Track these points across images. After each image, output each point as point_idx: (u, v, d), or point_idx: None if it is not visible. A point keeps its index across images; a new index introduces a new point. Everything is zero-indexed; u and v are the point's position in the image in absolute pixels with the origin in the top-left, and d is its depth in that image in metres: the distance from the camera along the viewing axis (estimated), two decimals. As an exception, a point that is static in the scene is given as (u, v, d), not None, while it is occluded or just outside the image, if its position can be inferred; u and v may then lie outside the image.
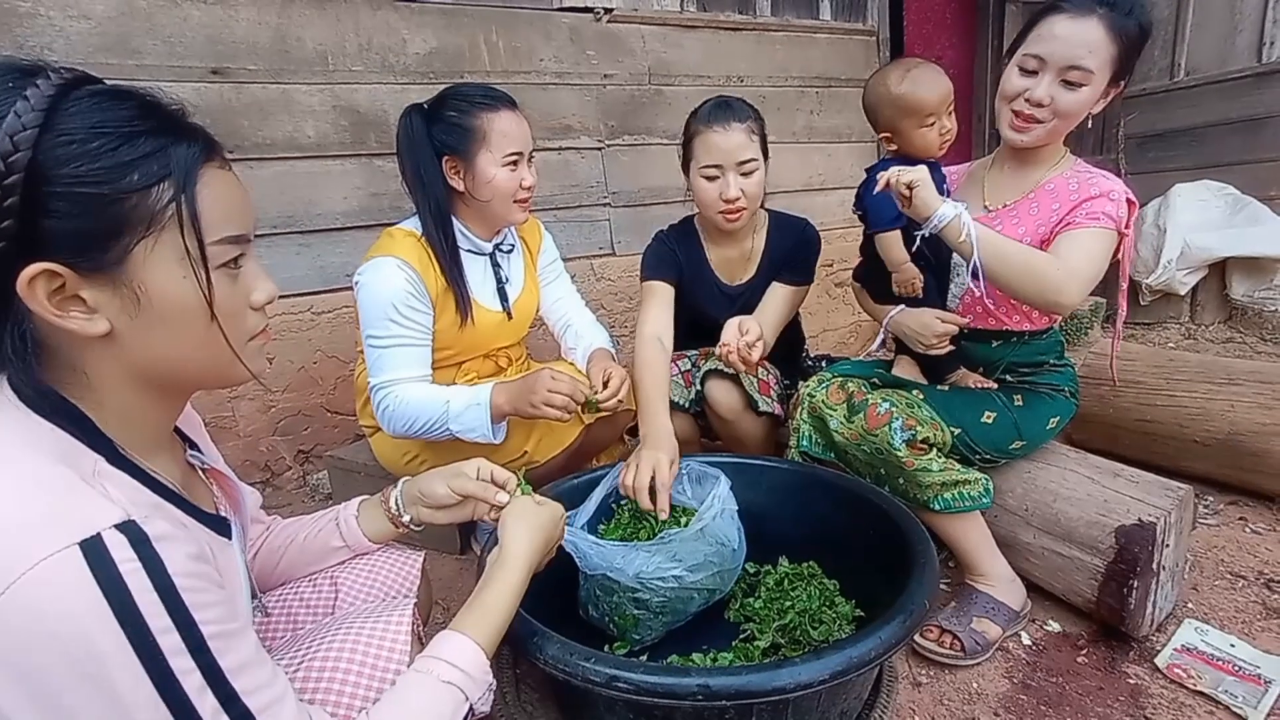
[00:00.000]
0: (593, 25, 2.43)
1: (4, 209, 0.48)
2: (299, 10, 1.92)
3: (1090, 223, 1.21)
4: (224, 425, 1.90)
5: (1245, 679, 1.14)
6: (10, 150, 0.48)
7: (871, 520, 1.11)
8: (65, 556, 0.45)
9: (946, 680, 1.20)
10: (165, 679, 0.47)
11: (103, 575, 0.46)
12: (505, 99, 1.40)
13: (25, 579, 0.44)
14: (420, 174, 1.39)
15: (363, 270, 1.37)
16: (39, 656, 0.45)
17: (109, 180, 0.52)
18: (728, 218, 1.47)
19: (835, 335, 3.21)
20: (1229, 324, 3.14)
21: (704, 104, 1.50)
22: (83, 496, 0.49)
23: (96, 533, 0.47)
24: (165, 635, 0.48)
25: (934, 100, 1.30)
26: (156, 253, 0.54)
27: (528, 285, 1.61)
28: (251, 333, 0.64)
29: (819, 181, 3.07)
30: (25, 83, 0.50)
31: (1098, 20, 1.17)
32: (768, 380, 1.55)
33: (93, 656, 0.46)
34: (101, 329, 0.54)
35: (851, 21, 3.10)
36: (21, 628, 0.44)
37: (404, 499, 0.92)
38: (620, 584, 1.01)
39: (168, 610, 0.48)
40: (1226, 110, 3.36)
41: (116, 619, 0.46)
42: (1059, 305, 1.18)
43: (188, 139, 0.56)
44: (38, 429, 0.52)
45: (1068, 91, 1.20)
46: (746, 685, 0.73)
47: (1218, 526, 1.62)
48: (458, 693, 0.66)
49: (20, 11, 1.60)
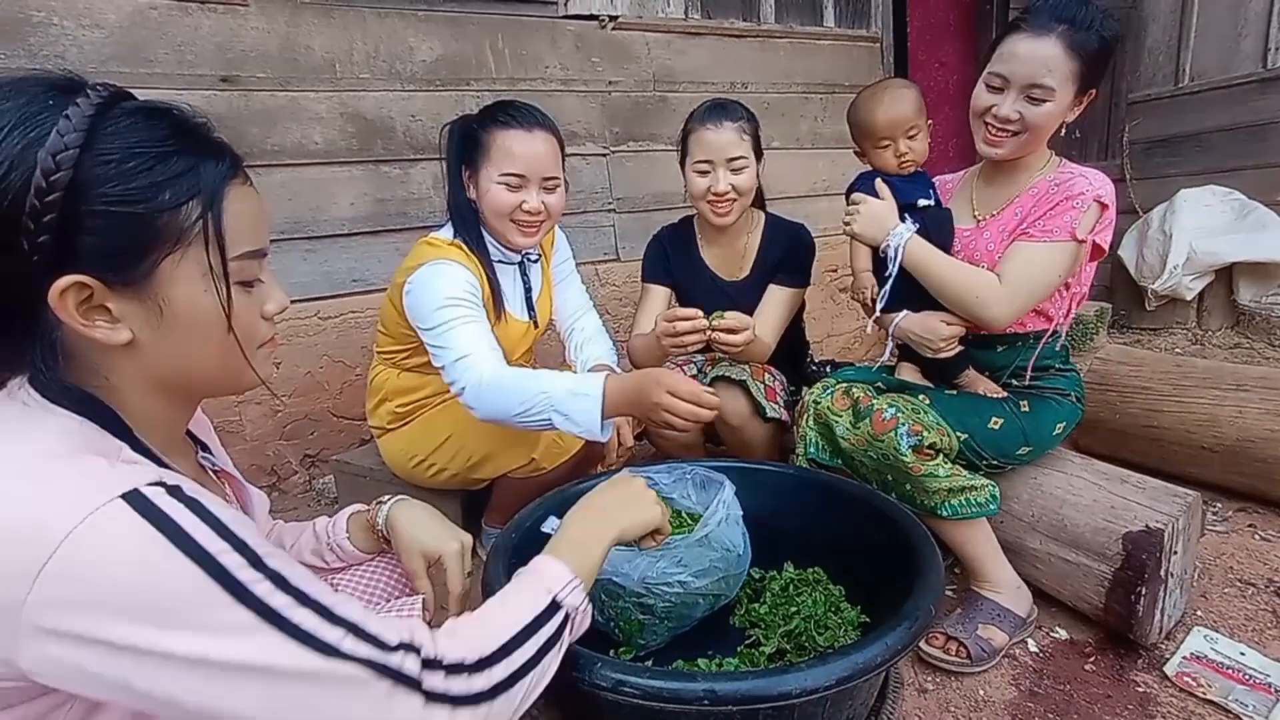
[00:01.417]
0: (598, 32, 2.45)
1: (43, 225, 0.50)
2: (307, 19, 1.94)
3: (1043, 237, 1.25)
4: (231, 430, 1.91)
5: (1256, 688, 1.13)
6: (53, 169, 0.49)
7: (877, 526, 1.11)
8: (113, 506, 0.47)
9: (952, 687, 1.20)
10: (236, 587, 0.49)
11: (151, 516, 0.48)
12: (529, 119, 1.37)
13: (79, 530, 0.45)
14: (450, 179, 1.42)
15: (416, 277, 1.34)
16: (104, 586, 0.46)
17: (143, 200, 0.53)
18: (716, 210, 1.54)
19: (839, 341, 3.21)
20: (1236, 329, 3.13)
21: (701, 104, 1.57)
22: (116, 469, 0.51)
23: (134, 488, 0.48)
24: (225, 555, 0.49)
25: (883, 124, 1.34)
26: (181, 267, 0.56)
27: (545, 288, 1.63)
28: (261, 340, 0.65)
29: (823, 187, 3.08)
30: (65, 100, 0.52)
31: (1055, 39, 1.20)
32: (774, 386, 1.56)
33: (162, 577, 0.47)
34: (124, 338, 0.55)
35: (855, 28, 3.11)
36: (84, 575, 0.45)
37: (388, 527, 0.88)
38: (626, 589, 1.01)
39: (220, 536, 0.50)
40: (1232, 116, 3.36)
41: (176, 546, 0.48)
42: (988, 322, 1.26)
43: (215, 157, 0.58)
44: (66, 422, 0.54)
45: (1033, 106, 1.23)
46: (753, 690, 0.73)
47: (1226, 533, 1.61)
48: (538, 583, 0.68)
49: (34, 20, 1.62)
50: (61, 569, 0.45)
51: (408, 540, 0.85)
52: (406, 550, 0.85)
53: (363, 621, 0.53)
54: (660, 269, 1.69)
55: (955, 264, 1.31)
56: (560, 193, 1.44)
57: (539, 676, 0.63)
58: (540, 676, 0.63)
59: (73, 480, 0.49)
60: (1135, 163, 3.71)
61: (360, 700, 0.51)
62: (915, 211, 1.37)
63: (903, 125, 1.35)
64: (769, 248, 1.65)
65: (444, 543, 0.84)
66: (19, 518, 0.46)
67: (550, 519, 1.05)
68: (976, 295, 1.26)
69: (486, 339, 1.30)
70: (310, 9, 1.94)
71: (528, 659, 0.62)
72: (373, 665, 0.52)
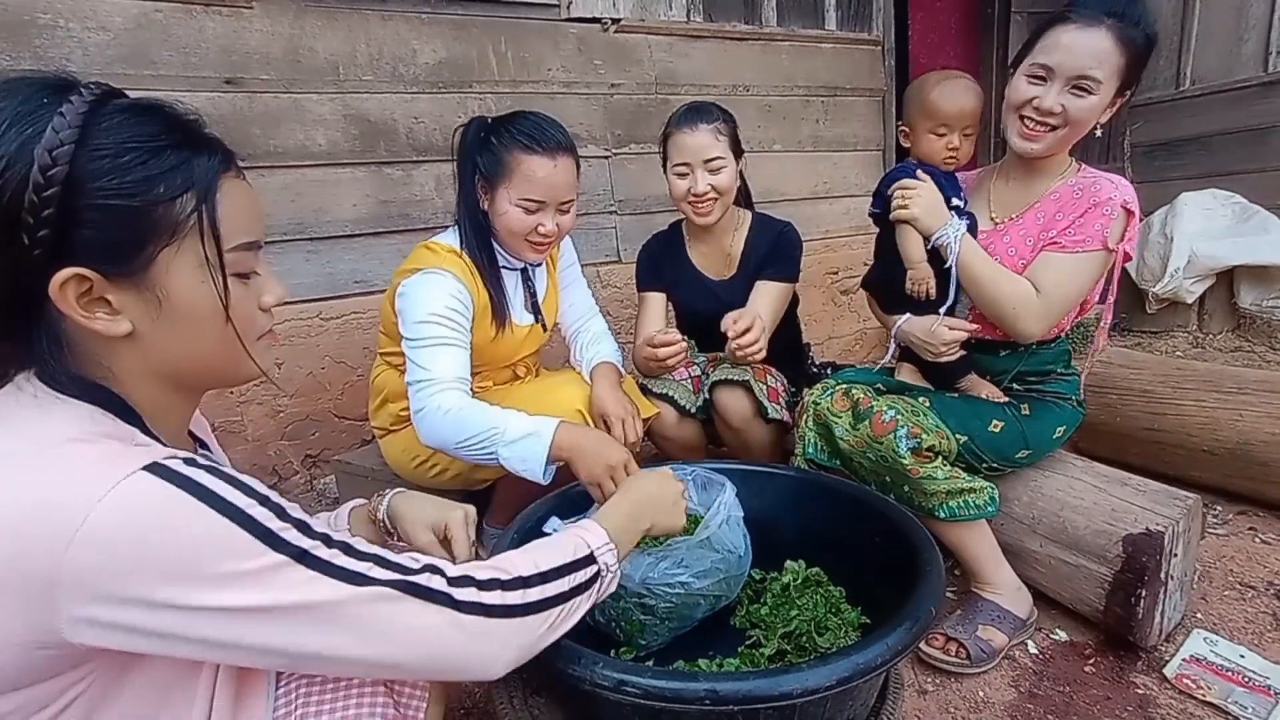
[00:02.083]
0: (600, 35, 2.45)
1: (41, 219, 0.51)
2: (311, 21, 1.95)
3: (1074, 247, 1.23)
4: (233, 430, 1.92)
5: (1255, 690, 1.13)
6: (49, 164, 0.51)
7: (878, 527, 1.11)
8: (137, 477, 0.50)
9: (952, 688, 1.20)
10: (268, 536, 0.53)
11: (177, 480, 0.51)
12: (553, 144, 1.34)
13: (106, 499, 0.48)
14: (461, 184, 1.42)
15: (409, 282, 1.36)
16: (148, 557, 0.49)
17: (138, 193, 0.55)
18: (698, 210, 1.57)
19: (840, 343, 3.21)
20: (1237, 333, 3.13)
21: (677, 110, 1.60)
22: (133, 449, 0.53)
23: (153, 460, 0.51)
24: (253, 509, 0.53)
25: (949, 111, 1.31)
26: (178, 259, 0.57)
27: (550, 291, 1.63)
28: (260, 332, 0.67)
29: (824, 190, 3.08)
30: (59, 99, 0.53)
31: (1106, 30, 1.17)
32: (776, 387, 1.56)
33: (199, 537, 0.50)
34: (124, 329, 0.57)
35: (857, 31, 3.11)
36: (116, 539, 0.48)
37: (390, 517, 0.89)
38: (627, 589, 1.02)
39: (245, 493, 0.54)
40: (1233, 119, 3.36)
41: (206, 504, 0.51)
42: (1020, 334, 1.25)
43: (208, 151, 0.60)
44: (78, 409, 0.55)
45: (1077, 99, 1.20)
46: (754, 690, 0.73)
47: (1227, 536, 1.61)
48: (577, 539, 0.75)
49: (40, 23, 1.63)
50: (95, 535, 0.47)
51: (412, 519, 0.87)
52: (412, 527, 0.86)
53: (385, 553, 0.60)
54: (652, 276, 1.72)
55: (999, 270, 1.26)
56: (573, 211, 1.44)
57: (567, 613, 0.70)
58: (569, 614, 0.70)
59: (94, 458, 0.51)
60: (1136, 166, 3.72)
61: (396, 613, 0.57)
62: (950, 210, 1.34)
63: (967, 118, 1.32)
64: (755, 246, 1.67)
65: (448, 511, 0.87)
66: (47, 493, 0.48)
67: (552, 519, 1.06)
68: (1014, 308, 1.23)
69: (459, 368, 1.30)
70: (314, 11, 1.95)
71: (561, 591, 0.69)
72: (400, 585, 0.58)
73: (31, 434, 0.52)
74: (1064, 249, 1.23)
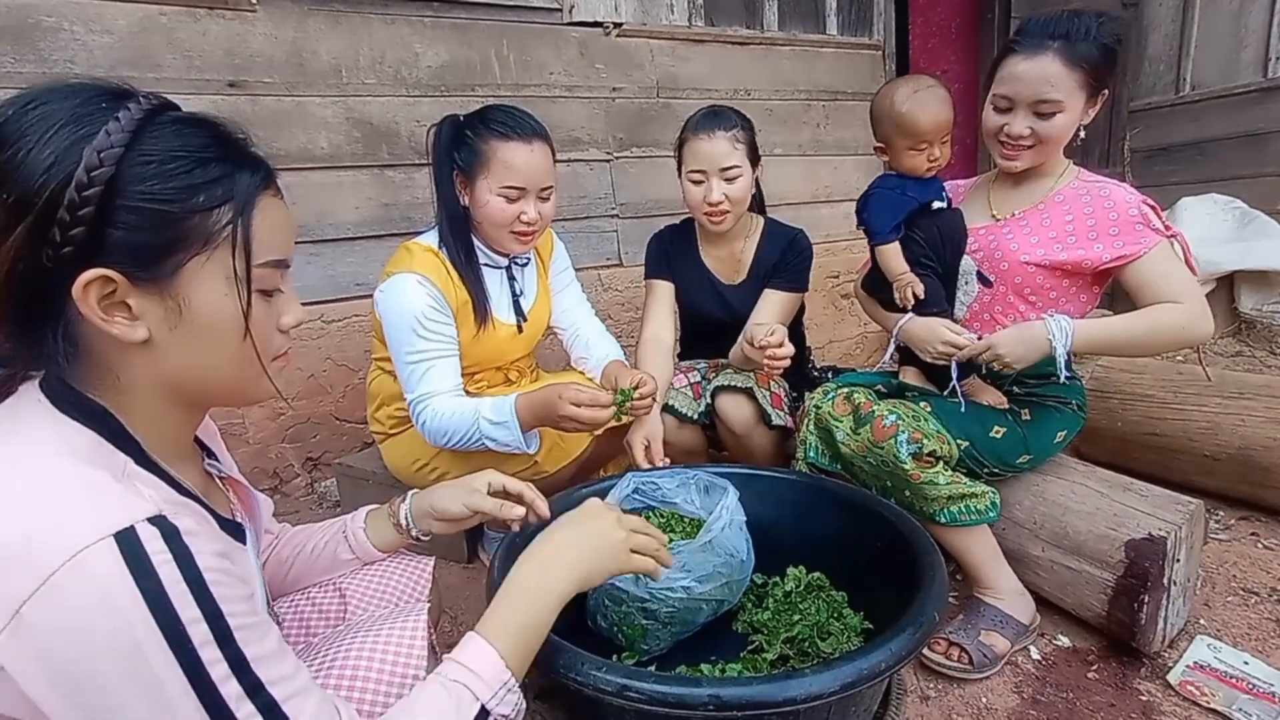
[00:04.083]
0: (602, 39, 2.46)
1: (79, 217, 0.51)
2: (314, 25, 1.96)
3: (1152, 246, 1.22)
4: (234, 432, 1.91)
5: (1260, 697, 1.13)
6: (96, 165, 0.51)
7: (880, 532, 1.11)
8: (101, 548, 0.47)
9: (955, 694, 1.20)
10: (195, 668, 0.49)
11: (137, 567, 0.48)
12: (528, 130, 1.36)
13: (62, 571, 0.46)
14: (438, 182, 1.42)
15: (383, 288, 1.39)
16: (76, 647, 0.46)
17: (178, 200, 0.55)
18: (711, 219, 1.55)
19: (841, 347, 3.21)
20: (1238, 338, 3.13)
21: (695, 113, 1.58)
22: (115, 493, 0.51)
23: (130, 525, 0.49)
24: (194, 625, 0.49)
25: (929, 128, 1.32)
26: (206, 269, 0.57)
27: (540, 296, 1.63)
28: (276, 353, 0.66)
29: (825, 194, 3.09)
30: (117, 105, 0.54)
31: (1053, 55, 1.20)
32: (779, 393, 1.56)
33: (128, 645, 0.47)
34: (141, 336, 0.56)
35: (858, 36, 3.12)
36: (60, 620, 0.46)
37: (414, 513, 0.92)
38: (629, 594, 1.02)
39: (197, 602, 0.50)
40: (1232, 125, 3.37)
41: (150, 609, 0.48)
42: (1205, 338, 1.23)
43: (251, 167, 0.60)
44: (71, 430, 0.55)
45: (1043, 120, 1.24)
46: (758, 696, 0.73)
47: (1229, 542, 1.61)
48: (464, 691, 0.63)
49: (45, 26, 1.63)
50: (34, 617, 0.45)
51: (448, 495, 0.90)
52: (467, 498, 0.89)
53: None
54: (662, 265, 1.71)
55: (1131, 320, 1.23)
56: (554, 199, 1.45)
57: None
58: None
59: (71, 499, 0.49)
60: (1136, 171, 3.72)
61: None
62: (929, 213, 1.36)
63: (945, 129, 1.33)
64: (767, 253, 1.66)
65: (488, 476, 0.91)
66: (12, 534, 0.47)
67: (553, 522, 1.05)
68: (1182, 327, 1.20)
69: (448, 379, 1.37)
70: (317, 15, 1.96)
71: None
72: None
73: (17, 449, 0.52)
74: (1145, 254, 1.22)
